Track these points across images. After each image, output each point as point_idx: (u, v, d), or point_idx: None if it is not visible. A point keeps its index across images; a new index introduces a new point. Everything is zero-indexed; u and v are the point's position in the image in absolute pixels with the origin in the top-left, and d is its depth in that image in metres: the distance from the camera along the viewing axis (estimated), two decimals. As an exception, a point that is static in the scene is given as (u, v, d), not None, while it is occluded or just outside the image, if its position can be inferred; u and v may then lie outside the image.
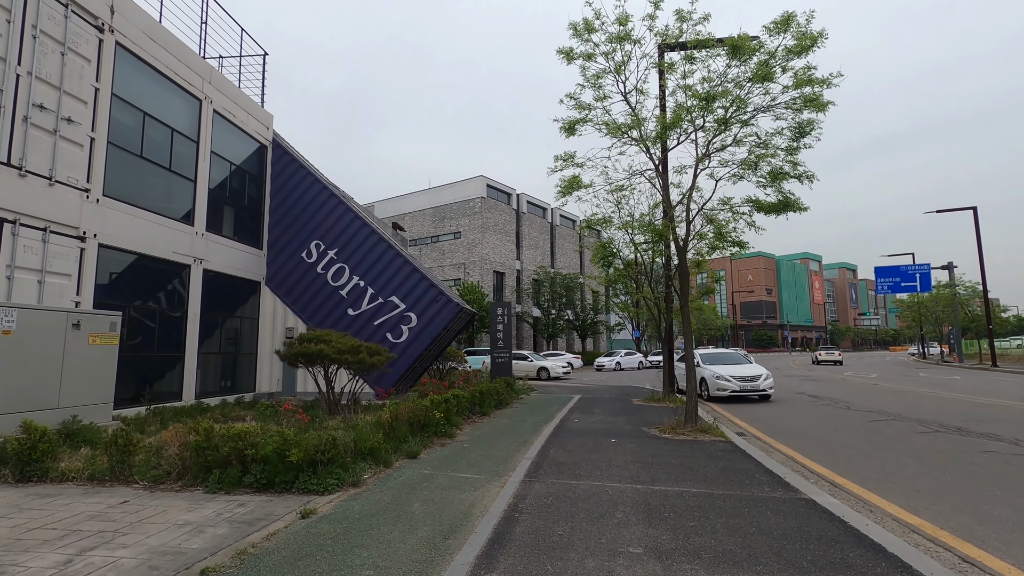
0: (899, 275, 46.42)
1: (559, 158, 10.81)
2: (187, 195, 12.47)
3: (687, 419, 10.04)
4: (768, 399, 16.90)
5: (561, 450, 8.29)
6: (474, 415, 11.76)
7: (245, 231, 15.09)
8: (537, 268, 50.83)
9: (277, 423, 8.55)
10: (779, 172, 9.03)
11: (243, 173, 14.92)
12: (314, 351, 10.22)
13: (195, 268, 12.54)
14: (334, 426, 8.99)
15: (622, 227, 12.76)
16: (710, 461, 7.54)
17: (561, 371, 29.15)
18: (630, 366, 39.92)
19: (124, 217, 10.54)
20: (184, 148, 12.38)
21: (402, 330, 14.86)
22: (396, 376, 14.66)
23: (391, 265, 15.17)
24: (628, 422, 11.41)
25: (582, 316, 49.86)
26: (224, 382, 14.48)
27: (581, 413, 12.99)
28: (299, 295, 15.42)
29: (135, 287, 11.14)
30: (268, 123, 15.77)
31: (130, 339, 10.91)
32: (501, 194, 51.12)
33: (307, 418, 8.20)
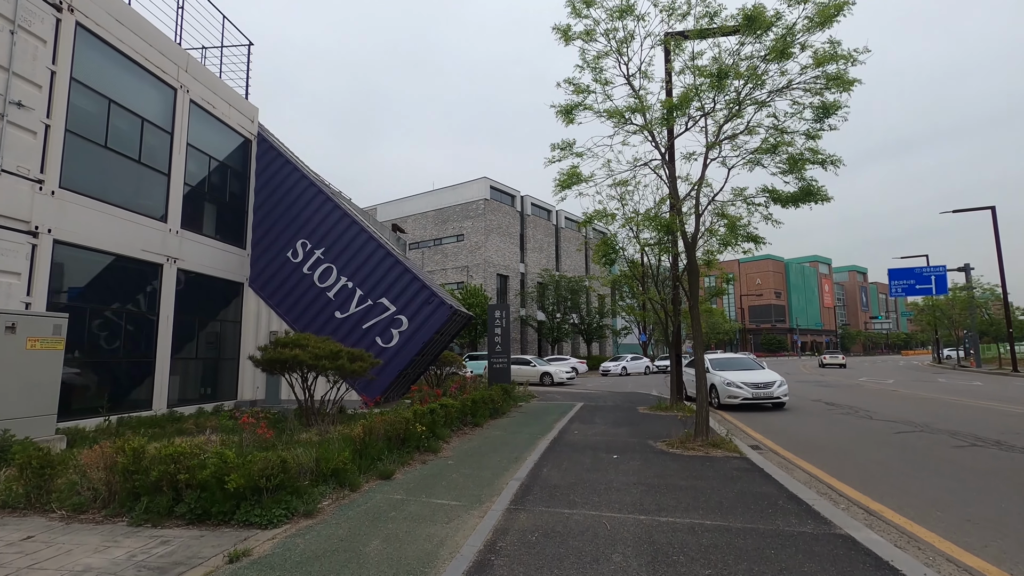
0: (914, 277, 45.16)
1: (556, 146, 9.92)
2: (160, 190, 11.68)
3: (697, 432, 9.09)
4: (782, 407, 15.89)
5: (556, 469, 7.37)
6: (465, 426, 10.86)
7: (227, 230, 14.29)
8: (542, 271, 49.91)
9: (242, 437, 7.69)
10: (799, 157, 8.09)
11: (225, 168, 14.15)
12: (288, 357, 9.37)
13: (168, 268, 11.74)
14: (306, 440, 8.12)
15: (626, 223, 11.84)
16: (725, 483, 6.60)
17: (565, 376, 28.19)
18: (636, 371, 38.87)
19: (85, 212, 9.74)
20: (157, 140, 11.60)
21: (392, 334, 14.00)
22: (385, 383, 13.80)
23: (381, 265, 14.32)
24: (632, 434, 10.47)
25: (587, 320, 48.84)
26: (204, 389, 13.66)
27: (582, 423, 12.06)
28: (284, 297, 14.60)
29: (98, 287, 10.34)
30: (253, 116, 15.00)
31: (91, 344, 10.11)
32: (505, 196, 50.27)
33: (269, 432, 7.33)
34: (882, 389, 22.31)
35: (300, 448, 6.32)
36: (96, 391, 10.15)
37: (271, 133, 15.95)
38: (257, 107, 15.19)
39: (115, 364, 10.65)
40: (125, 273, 10.86)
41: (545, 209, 54.79)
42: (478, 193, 48.06)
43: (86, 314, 9.95)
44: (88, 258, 10.00)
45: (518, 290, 48.53)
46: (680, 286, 14.94)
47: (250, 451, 6.31)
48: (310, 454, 6.09)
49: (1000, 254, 35.13)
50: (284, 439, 8.22)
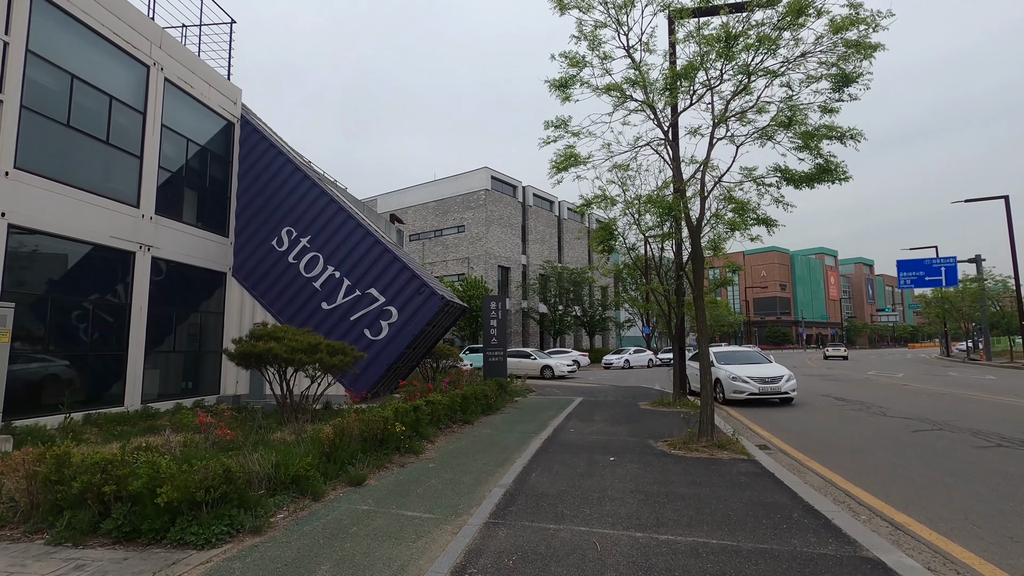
0: (923, 269, 44.17)
1: (550, 124, 9.21)
2: (131, 173, 11.02)
3: (701, 431, 8.43)
4: (790, 402, 15.21)
5: (546, 474, 6.72)
6: (454, 424, 10.23)
7: (208, 217, 13.65)
8: (544, 263, 49.16)
9: (203, 438, 7.07)
10: (815, 132, 7.35)
11: (205, 152, 13.48)
12: (262, 350, 8.74)
13: (141, 256, 11.10)
14: (279, 440, 7.50)
15: (627, 208, 11.11)
16: (732, 491, 5.94)
17: (566, 370, 27.55)
18: (639, 364, 38.22)
19: (44, 195, 9.10)
20: (127, 120, 10.93)
21: (381, 326, 13.36)
22: (374, 378, 13.17)
23: (369, 254, 13.66)
24: (632, 432, 9.81)
25: (590, 312, 48.16)
26: (186, 384, 13.08)
27: (579, 420, 11.41)
28: (269, 287, 13.96)
29: (61, 276, 9.72)
30: (235, 98, 14.30)
31: (54, 336, 9.51)
32: (506, 186, 49.46)
33: (230, 433, 6.69)
34: (893, 383, 21.58)
35: (259, 452, 5.68)
36: (60, 387, 9.55)
37: (256, 116, 15.26)
38: (240, 88, 14.49)
39: (81, 357, 10.05)
40: (92, 261, 10.23)
41: (547, 200, 53.96)
42: (479, 183, 47.28)
43: (47, 305, 9.34)
44: (49, 244, 9.37)
45: (520, 282, 47.85)
46: (684, 276, 14.25)
47: (206, 454, 5.69)
48: (269, 459, 5.46)
49: (1013, 244, 34.22)
50: (253, 439, 7.60)
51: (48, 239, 9.29)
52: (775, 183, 7.90)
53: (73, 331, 9.97)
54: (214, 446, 6.80)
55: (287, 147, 15.66)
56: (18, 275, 8.86)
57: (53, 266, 9.53)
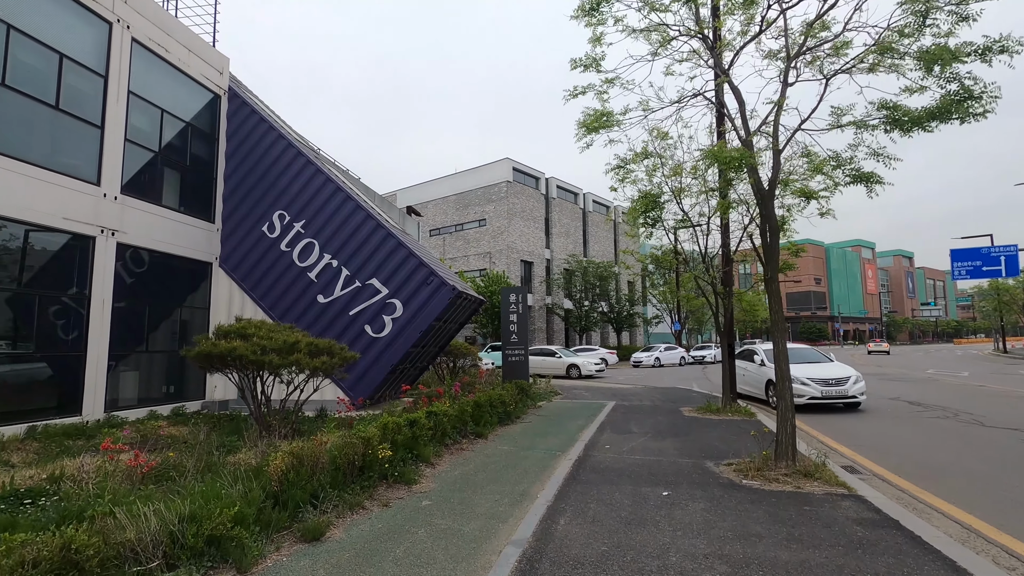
0: (980, 258, 40.62)
1: (578, 63, 7.34)
2: (90, 145, 9.52)
3: (780, 453, 6.48)
4: (856, 407, 13.09)
5: (578, 520, 4.88)
6: (464, 438, 8.46)
7: (191, 200, 12.14)
8: (568, 257, 47.15)
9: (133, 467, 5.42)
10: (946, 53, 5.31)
11: (186, 127, 11.96)
12: (224, 350, 7.09)
13: (103, 241, 9.60)
14: (236, 463, 5.82)
15: (673, 174, 9.15)
16: (854, 555, 4.04)
17: (594, 368, 25.59)
18: (671, 362, 35.98)
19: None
20: (84, 83, 9.43)
21: (384, 321, 11.67)
22: (376, 380, 11.51)
23: (371, 239, 11.98)
24: (683, 450, 7.90)
25: (617, 308, 45.99)
26: (167, 388, 11.61)
27: (614, 432, 9.54)
28: (260, 279, 12.40)
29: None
30: (221, 67, 12.76)
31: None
32: (529, 178, 47.56)
33: (149, 464, 5.01)
34: (964, 384, 19.12)
35: (174, 498, 3.98)
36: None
37: (247, 88, 13.74)
38: (228, 57, 12.95)
39: (26, 359, 8.58)
40: (39, 246, 8.75)
41: (571, 192, 51.89)
42: (500, 175, 45.49)
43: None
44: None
45: (543, 277, 45.94)
46: (731, 261, 12.21)
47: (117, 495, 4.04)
48: (178, 510, 3.76)
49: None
50: (207, 461, 5.95)
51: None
52: (882, 122, 5.87)
53: (16, 328, 8.51)
54: (142, 477, 5.15)
55: (282, 124, 14.11)
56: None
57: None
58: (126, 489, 4.66)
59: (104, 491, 4.61)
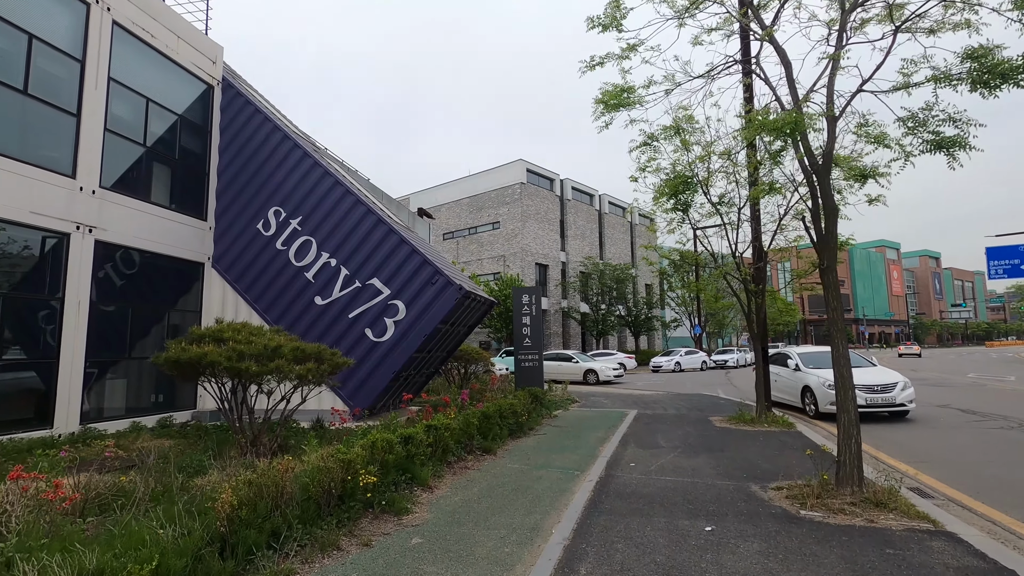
0: (1018, 256, 38.80)
1: (595, 21, 6.37)
2: (65, 135, 8.79)
3: (843, 477, 5.40)
4: (904, 415, 11.89)
5: (603, 569, 3.88)
6: (470, 454, 7.50)
7: (181, 197, 11.39)
8: (584, 259, 46.05)
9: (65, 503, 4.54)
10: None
11: (175, 119, 11.22)
12: (194, 356, 6.22)
13: (79, 239, 8.85)
14: (203, 487, 4.93)
15: (701, 158, 8.11)
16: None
17: (612, 374, 24.46)
18: (691, 366, 34.66)
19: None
20: (56, 67, 8.71)
21: (385, 324, 10.78)
22: (378, 388, 10.62)
23: (371, 236, 11.12)
24: (721, 469, 6.84)
25: (634, 311, 44.71)
26: (156, 397, 10.83)
27: (639, 447, 8.50)
28: (254, 280, 11.60)
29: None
30: (214, 56, 12.04)
31: None
32: (543, 179, 46.62)
33: (70, 498, 4.12)
34: (1014, 389, 17.69)
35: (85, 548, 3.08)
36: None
37: (242, 79, 13.03)
38: (221, 46, 12.22)
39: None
40: (3, 244, 7.99)
41: (587, 193, 50.83)
42: (514, 177, 44.62)
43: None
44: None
45: (559, 280, 44.89)
46: (763, 254, 11.10)
47: None
48: (83, 563, 2.85)
49: None
50: (150, 492, 5.08)
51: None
52: (969, 74, 4.81)
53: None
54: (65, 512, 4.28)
55: (280, 117, 13.36)
56: None
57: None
58: (44, 529, 3.79)
59: (21, 531, 3.74)
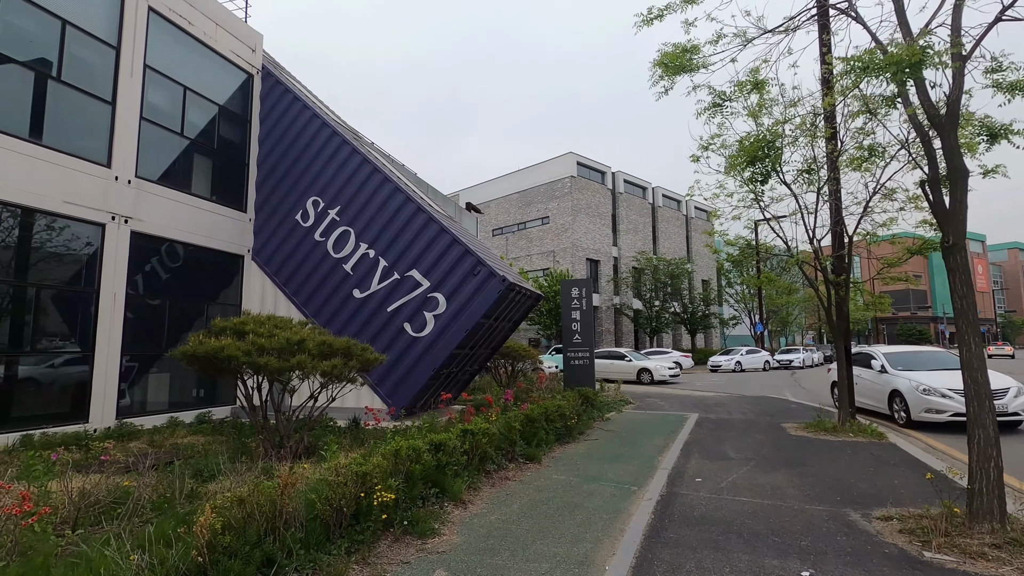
0: None
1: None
2: (100, 124, 8.62)
3: (978, 508, 4.27)
4: (1016, 427, 10.28)
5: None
6: (511, 462, 6.71)
7: (220, 187, 11.18)
8: (637, 254, 44.44)
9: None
10: None
11: (214, 108, 11.00)
12: (211, 350, 5.73)
13: (114, 229, 8.65)
14: (212, 493, 4.38)
15: (782, 119, 6.94)
16: None
17: (667, 373, 23.13)
18: (753, 367, 32.67)
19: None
20: (91, 54, 8.53)
21: (425, 318, 10.16)
22: (417, 386, 10.03)
23: (410, 225, 10.53)
24: (807, 489, 5.76)
25: (690, 308, 42.75)
26: (197, 392, 10.66)
27: (705, 458, 7.47)
28: (293, 272, 11.25)
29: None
30: (253, 44, 11.77)
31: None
32: (594, 172, 45.30)
33: (42, 510, 3.58)
34: None
35: None
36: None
37: (282, 67, 12.74)
38: (261, 34, 11.95)
39: (19, 360, 7.65)
40: (36, 234, 7.84)
41: (639, 186, 49.11)
42: (564, 170, 43.56)
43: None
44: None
45: (611, 276, 43.52)
46: (848, 243, 9.75)
47: None
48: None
49: None
50: (180, 490, 4.57)
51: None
52: None
53: (13, 325, 7.63)
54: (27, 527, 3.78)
55: (320, 105, 13.00)
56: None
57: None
58: (30, 542, 3.28)
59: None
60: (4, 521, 3.36)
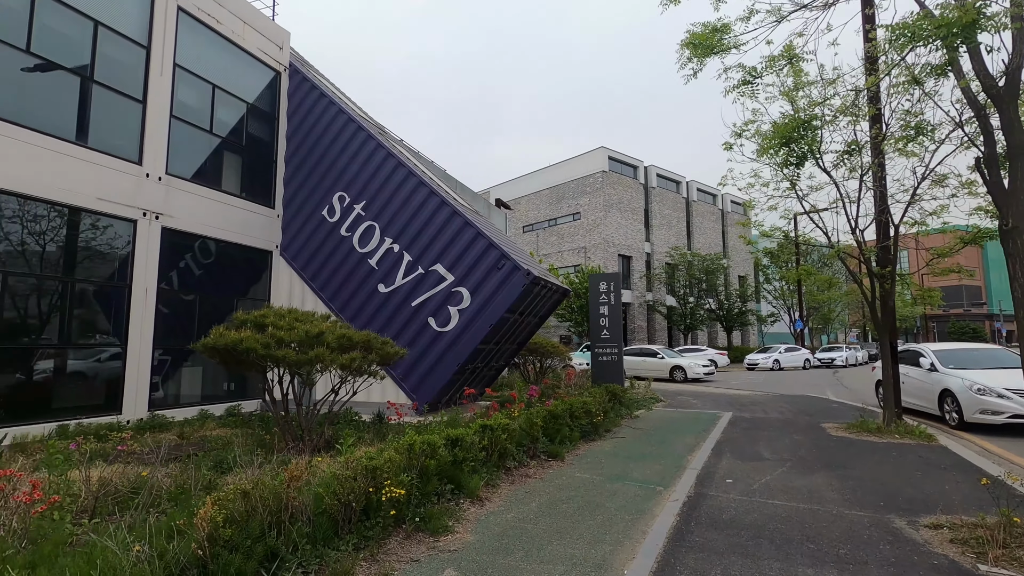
0: None
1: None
2: (132, 122, 8.80)
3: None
4: (1082, 430, 9.52)
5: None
6: (532, 459, 6.53)
7: (249, 184, 11.32)
8: (670, 250, 43.53)
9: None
10: None
11: (242, 106, 11.14)
12: (230, 342, 5.74)
13: (145, 225, 8.84)
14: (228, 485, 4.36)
15: (819, 100, 6.50)
16: None
17: (702, 371, 22.51)
18: (792, 365, 31.59)
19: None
20: (122, 53, 8.71)
21: (449, 313, 10.07)
22: (441, 381, 9.95)
23: (435, 219, 10.44)
24: (847, 493, 5.39)
25: (726, 305, 41.64)
26: (228, 385, 10.84)
27: (737, 458, 7.13)
28: (320, 267, 11.32)
29: (22, 248, 7.54)
30: (281, 42, 11.88)
31: (8, 323, 7.35)
32: (626, 167, 44.59)
33: (51, 499, 3.58)
34: None
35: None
36: (30, 390, 7.37)
37: (310, 64, 12.84)
38: (288, 31, 12.06)
39: (53, 352, 7.88)
40: (71, 230, 8.05)
41: (673, 180, 48.17)
42: (595, 165, 43.04)
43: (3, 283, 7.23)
44: (4, 207, 7.23)
45: (643, 272, 42.76)
46: (893, 233, 9.17)
47: None
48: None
49: None
50: (199, 481, 4.58)
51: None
52: None
53: (49, 318, 7.86)
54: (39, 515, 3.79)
55: (347, 101, 13.04)
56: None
57: (4, 233, 7.37)
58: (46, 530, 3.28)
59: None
60: (14, 510, 3.37)
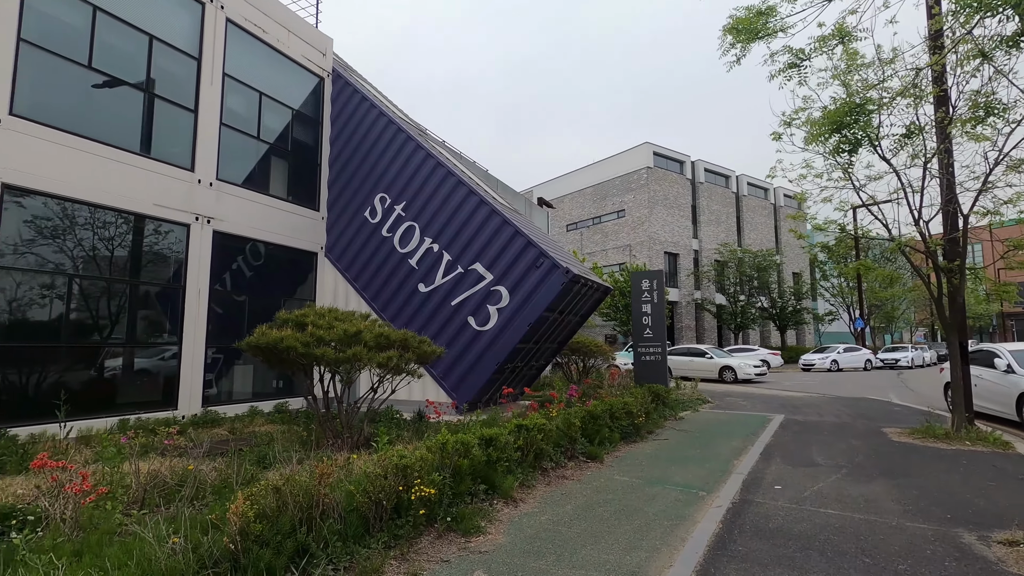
0: None
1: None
2: (183, 130, 9.20)
3: None
4: None
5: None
6: (570, 460, 6.41)
7: (294, 187, 11.65)
8: (720, 246, 42.21)
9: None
10: None
11: (287, 112, 11.47)
12: (271, 341, 5.89)
13: (198, 229, 9.22)
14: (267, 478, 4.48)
15: (876, 83, 6.05)
16: None
17: (753, 371, 21.70)
18: (852, 365, 30.03)
19: (49, 148, 7.38)
20: (175, 65, 9.11)
21: (488, 312, 10.05)
22: (481, 380, 9.94)
23: (473, 218, 10.45)
24: (909, 504, 5.01)
25: (779, 303, 40.03)
26: (277, 383, 11.19)
27: (787, 463, 6.78)
28: (362, 268, 11.54)
29: (85, 251, 7.98)
30: (324, 49, 12.17)
31: (67, 325, 7.78)
32: (672, 162, 43.58)
33: (100, 489, 3.71)
34: None
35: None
36: (55, 387, 7.76)
37: (353, 69, 13.10)
38: (331, 38, 12.35)
39: (115, 351, 8.31)
40: (130, 234, 8.49)
41: (722, 175, 46.70)
42: (640, 161, 42.26)
43: (69, 285, 7.67)
44: (62, 212, 7.68)
45: (691, 269, 41.66)
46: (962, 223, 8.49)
47: None
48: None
49: None
50: (242, 475, 4.72)
51: (57, 204, 7.61)
52: None
53: (109, 318, 8.30)
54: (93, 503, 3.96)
55: (387, 103, 13.25)
56: (18, 249, 7.20)
57: (71, 240, 7.81)
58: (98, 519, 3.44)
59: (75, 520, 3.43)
60: (68, 500, 3.53)
